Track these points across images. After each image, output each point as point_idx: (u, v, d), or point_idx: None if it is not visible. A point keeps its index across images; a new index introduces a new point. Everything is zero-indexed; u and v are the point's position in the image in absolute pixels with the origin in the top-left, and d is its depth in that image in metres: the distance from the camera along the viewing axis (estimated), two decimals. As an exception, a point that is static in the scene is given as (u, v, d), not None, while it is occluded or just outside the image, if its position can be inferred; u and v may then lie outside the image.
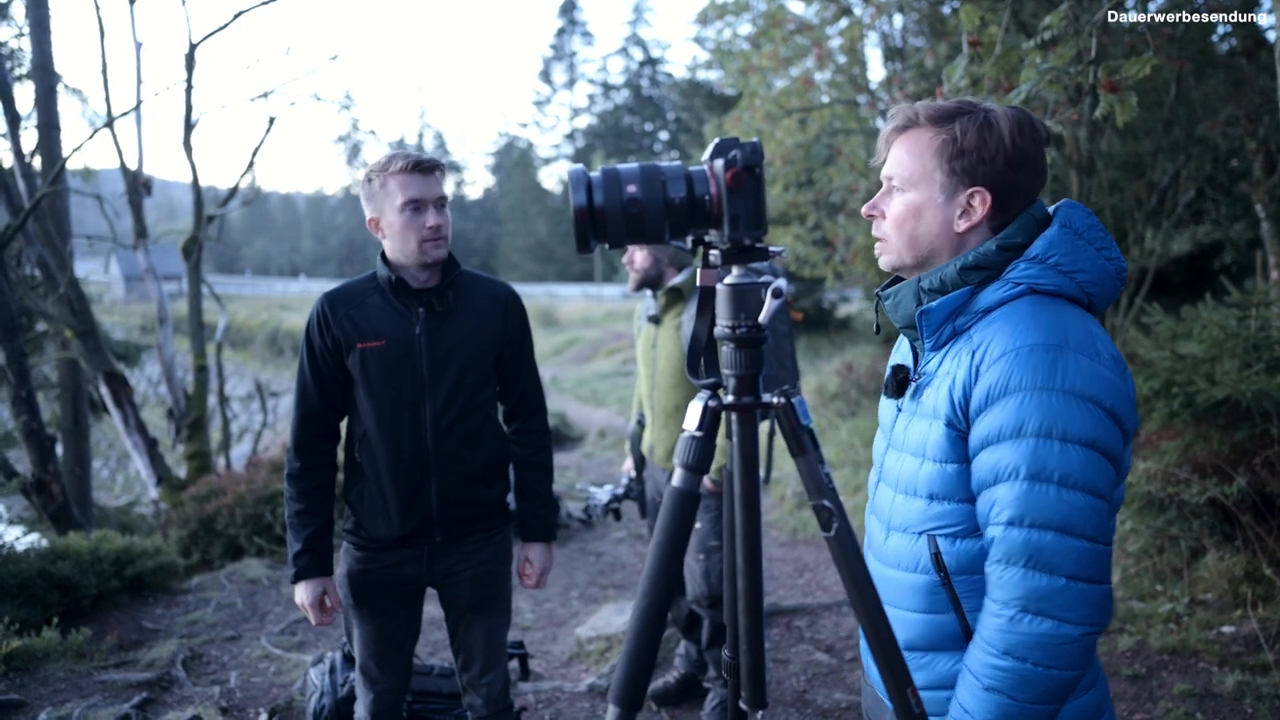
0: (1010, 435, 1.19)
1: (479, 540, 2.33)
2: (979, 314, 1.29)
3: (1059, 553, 1.17)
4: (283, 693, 3.59)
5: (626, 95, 51.70)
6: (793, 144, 8.76)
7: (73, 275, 6.93)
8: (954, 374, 1.27)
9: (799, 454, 1.10)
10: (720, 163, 1.03)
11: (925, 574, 1.31)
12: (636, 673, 1.03)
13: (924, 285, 1.34)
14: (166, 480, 7.27)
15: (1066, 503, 1.17)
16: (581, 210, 1.00)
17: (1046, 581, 1.17)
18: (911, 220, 1.33)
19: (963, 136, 1.28)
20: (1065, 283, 1.26)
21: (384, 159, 2.20)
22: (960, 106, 1.32)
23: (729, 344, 1.08)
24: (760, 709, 1.12)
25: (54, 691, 3.53)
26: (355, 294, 2.25)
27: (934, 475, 1.29)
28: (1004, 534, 1.19)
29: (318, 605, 2.25)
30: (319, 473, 2.27)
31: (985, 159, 1.28)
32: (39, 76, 7.34)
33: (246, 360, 26.06)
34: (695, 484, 1.07)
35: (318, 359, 2.22)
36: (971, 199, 1.30)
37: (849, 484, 6.78)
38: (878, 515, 1.43)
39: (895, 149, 1.36)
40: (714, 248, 1.10)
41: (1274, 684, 3.21)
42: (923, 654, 1.34)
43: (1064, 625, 1.17)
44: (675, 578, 1.06)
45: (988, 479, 1.22)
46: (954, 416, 1.26)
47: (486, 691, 2.38)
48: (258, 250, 70.58)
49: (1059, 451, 1.17)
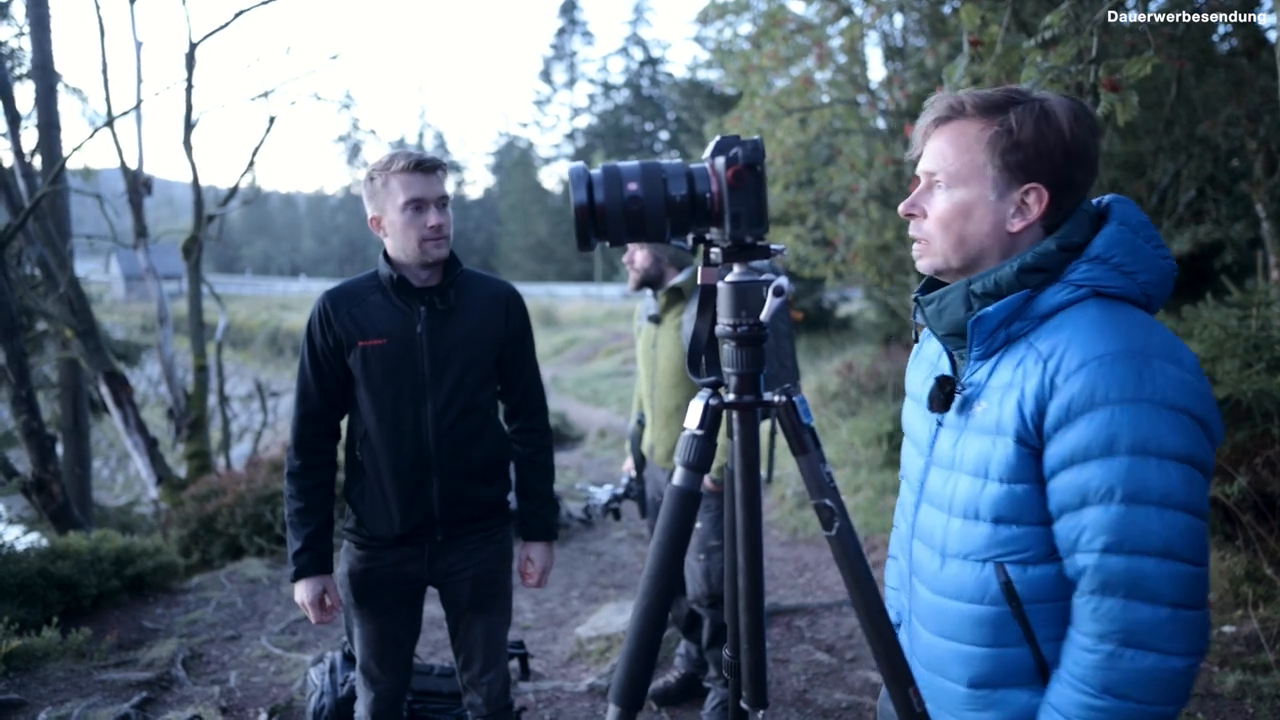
0: (1100, 453, 1.09)
1: (480, 539, 2.33)
2: (1037, 319, 1.19)
3: (1163, 579, 1.08)
4: (283, 692, 3.58)
5: (627, 95, 51.70)
6: (793, 143, 8.75)
7: (73, 275, 6.93)
8: (1020, 385, 1.16)
9: (800, 453, 1.09)
10: (721, 160, 1.02)
11: (994, 605, 1.20)
12: (637, 672, 1.03)
13: (975, 289, 1.22)
14: (166, 480, 7.27)
15: (1169, 525, 1.07)
16: (582, 208, 0.99)
17: (1149, 612, 1.08)
18: (960, 220, 1.22)
19: (1019, 128, 1.18)
20: (1128, 284, 1.18)
21: (386, 158, 2.20)
22: (1011, 95, 1.21)
23: (730, 342, 1.07)
24: (761, 708, 1.12)
25: (54, 691, 3.53)
26: (357, 292, 2.25)
27: (1000, 497, 1.18)
28: (1100, 561, 1.10)
29: (318, 604, 2.25)
30: (319, 471, 2.27)
31: (1043, 153, 1.18)
32: (39, 76, 7.34)
33: (247, 360, 26.06)
34: (696, 483, 1.07)
35: (319, 357, 2.22)
36: (1026, 196, 1.20)
37: (849, 484, 6.78)
38: (925, 541, 1.32)
39: (937, 141, 1.25)
40: (715, 246, 1.09)
41: (1275, 684, 3.21)
42: (992, 690, 1.23)
43: (1170, 658, 1.08)
44: (676, 577, 1.06)
45: (1072, 501, 1.12)
46: (1026, 432, 1.15)
47: (487, 690, 2.38)
48: (258, 250, 70.61)
49: (1157, 469, 1.07)
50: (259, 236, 72.40)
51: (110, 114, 7.70)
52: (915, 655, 1.34)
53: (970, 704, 1.25)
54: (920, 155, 1.29)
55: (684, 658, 3.52)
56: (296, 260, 69.25)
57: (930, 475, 1.31)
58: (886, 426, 7.09)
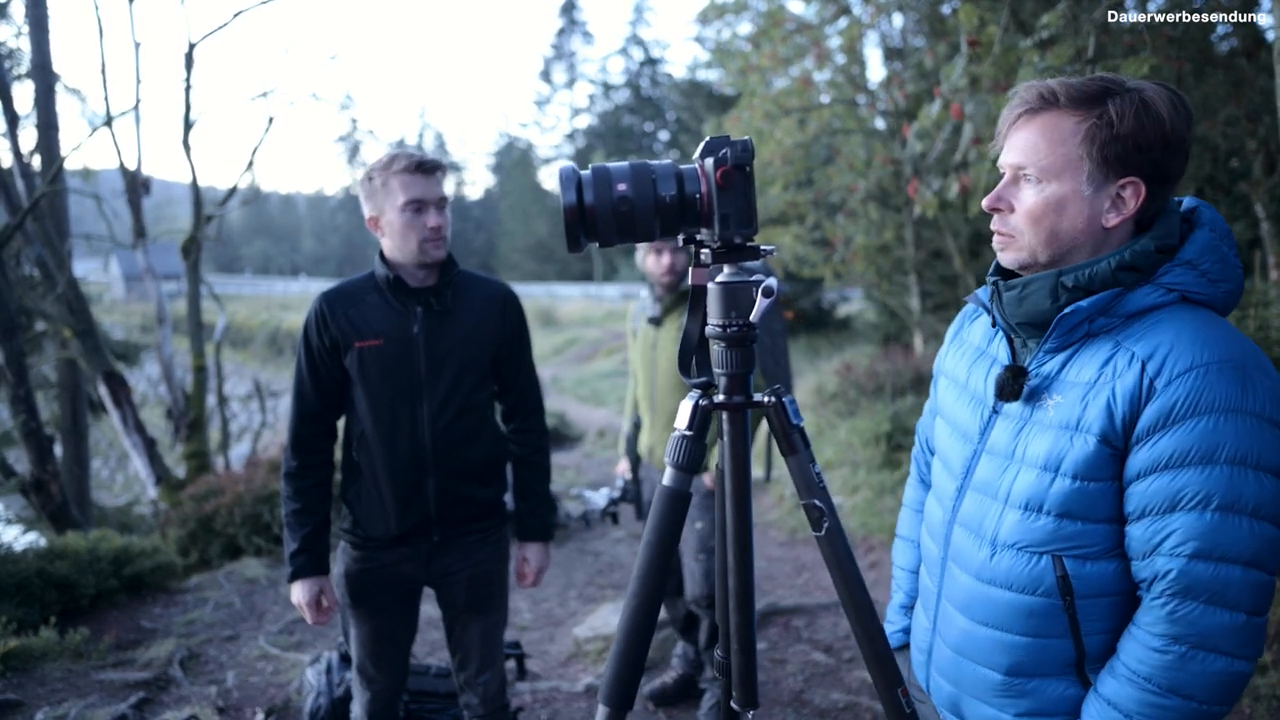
0: (1199, 460, 1.09)
1: (476, 540, 2.33)
2: (1123, 317, 1.18)
3: (1245, 588, 1.09)
4: (280, 692, 3.58)
5: (627, 95, 51.69)
6: (792, 144, 8.76)
7: (71, 275, 6.93)
8: (1110, 385, 1.15)
9: (790, 453, 1.09)
10: (710, 161, 1.02)
11: (1045, 596, 1.21)
12: (626, 673, 1.03)
13: (1067, 282, 1.20)
14: (165, 480, 7.27)
15: (1259, 536, 1.09)
16: (571, 209, 0.99)
17: (1228, 619, 1.10)
18: (1052, 215, 1.19)
19: (1119, 121, 1.15)
20: (1214, 292, 1.18)
21: (386, 158, 2.20)
22: (1107, 85, 1.18)
23: (720, 343, 1.07)
24: (751, 709, 1.12)
25: (51, 691, 3.53)
26: (353, 293, 2.25)
27: (1070, 493, 1.17)
28: (1186, 566, 1.10)
29: (314, 605, 2.24)
30: (316, 471, 2.26)
31: (1143, 145, 1.15)
32: (38, 76, 7.34)
33: (246, 360, 26.05)
34: (686, 483, 1.07)
35: (315, 358, 2.22)
36: (1123, 190, 1.18)
37: (847, 484, 6.78)
38: (970, 529, 1.31)
39: (1026, 133, 1.21)
40: (705, 246, 1.09)
41: (1271, 684, 3.21)
42: (1028, 679, 1.24)
43: (1238, 662, 1.11)
44: (665, 577, 1.06)
45: (1160, 505, 1.12)
46: (1112, 433, 1.14)
47: (483, 691, 2.38)
48: (258, 250, 70.60)
49: (1254, 480, 1.08)
50: (259, 236, 72.38)
51: (109, 114, 7.70)
52: (943, 638, 1.35)
53: (1004, 691, 1.26)
54: (1003, 148, 1.26)
55: (681, 658, 3.52)
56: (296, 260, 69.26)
57: (980, 463, 1.30)
58: (884, 427, 7.09)
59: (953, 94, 4.37)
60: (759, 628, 4.24)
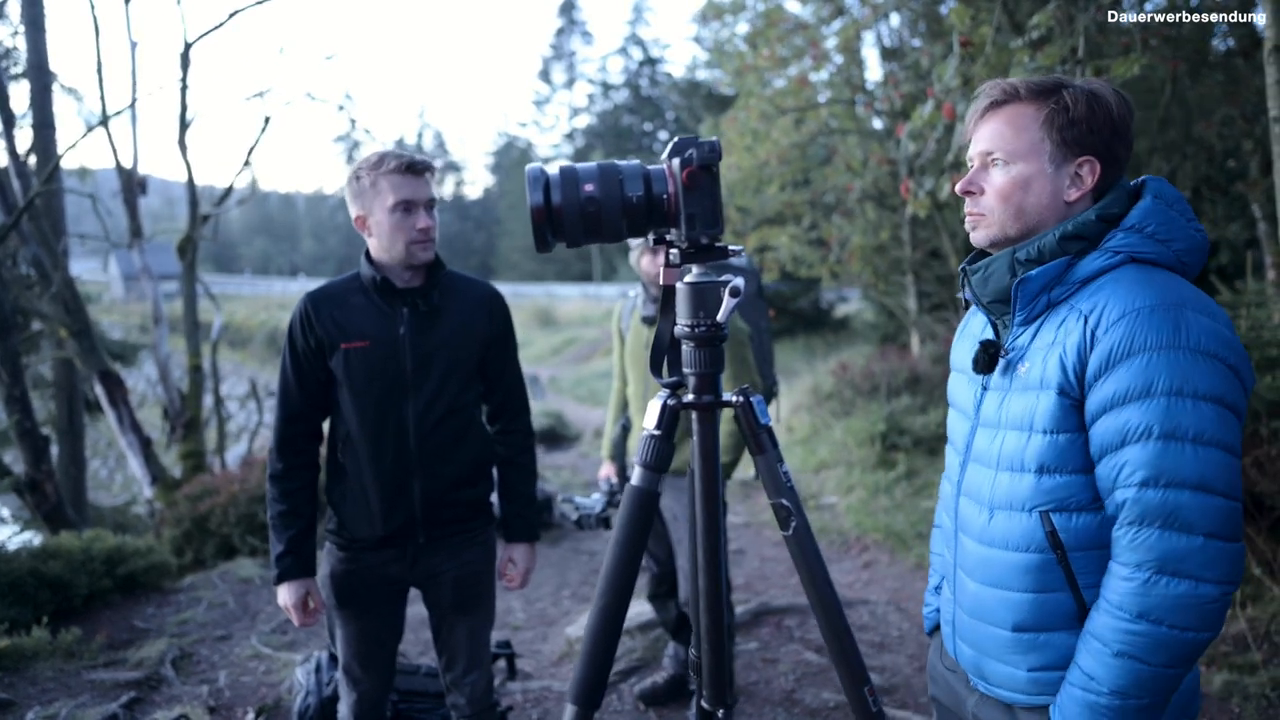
0: (1138, 395, 1.18)
1: (462, 540, 2.32)
2: (1077, 284, 1.29)
3: (1197, 511, 1.16)
4: (271, 692, 3.59)
5: (626, 95, 51.66)
6: (788, 144, 8.76)
7: (67, 274, 6.93)
8: (1063, 342, 1.26)
9: (758, 453, 1.09)
10: (677, 161, 1.03)
11: (1039, 553, 1.29)
12: (594, 673, 1.03)
13: (1020, 256, 1.32)
14: (161, 480, 7.27)
15: (1203, 459, 1.16)
16: (539, 209, 1.00)
17: (1184, 541, 1.16)
18: (1019, 192, 1.32)
19: (1074, 106, 1.29)
20: (1163, 251, 1.27)
21: (375, 157, 2.18)
22: (1059, 81, 1.32)
23: (689, 342, 1.07)
24: (721, 708, 1.12)
25: (43, 691, 3.53)
26: (339, 294, 2.24)
27: (1044, 447, 1.27)
28: (1138, 495, 1.18)
29: (300, 607, 2.24)
30: (302, 473, 2.26)
31: (1095, 128, 1.29)
32: (34, 75, 7.35)
33: (245, 360, 26.05)
34: (655, 482, 1.07)
35: (300, 359, 2.21)
36: (1080, 168, 1.31)
37: (842, 483, 6.79)
38: (972, 497, 1.41)
39: (991, 124, 1.35)
40: (674, 246, 1.09)
41: (1260, 683, 3.21)
42: (1036, 634, 1.31)
43: (1203, 585, 1.16)
44: (634, 577, 1.06)
45: (1113, 441, 1.21)
46: (1067, 384, 1.25)
47: (470, 691, 2.38)
48: (257, 250, 70.58)
49: (1192, 408, 1.16)
50: (258, 236, 72.38)
51: (105, 114, 7.71)
52: (960, 605, 1.43)
53: (1015, 647, 1.32)
54: (971, 140, 1.38)
55: (672, 659, 3.52)
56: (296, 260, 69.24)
57: (977, 436, 1.40)
58: (880, 427, 7.09)
59: (945, 94, 4.37)
60: (752, 628, 4.24)
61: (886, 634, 4.22)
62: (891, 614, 4.48)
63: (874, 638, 4.18)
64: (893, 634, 4.22)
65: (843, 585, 5.04)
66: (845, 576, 5.21)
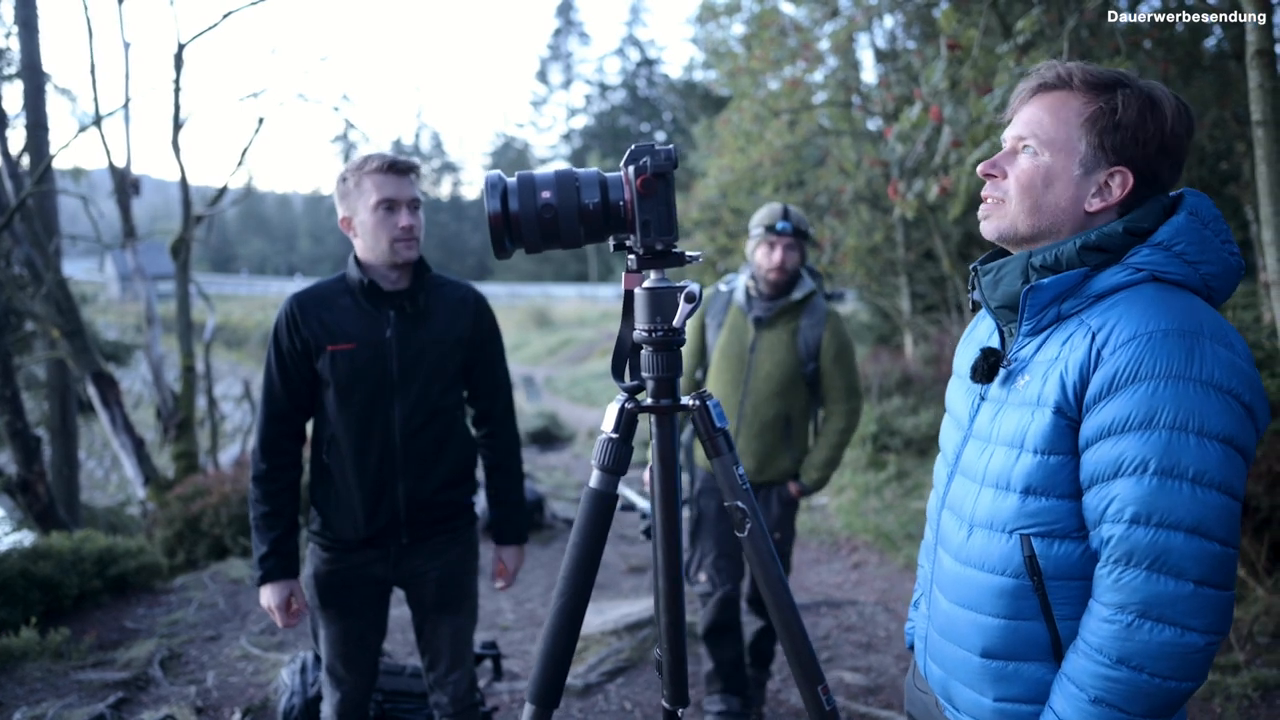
0: (1139, 425, 1.10)
1: (445, 541, 2.34)
2: (1091, 298, 1.20)
3: (1188, 555, 1.08)
4: (259, 692, 3.60)
5: (623, 96, 51.70)
6: (782, 145, 8.78)
7: (60, 275, 6.94)
8: (1066, 359, 1.18)
9: (714, 455, 1.11)
10: (633, 169, 1.04)
11: (1015, 577, 1.21)
12: (553, 672, 1.04)
13: (1035, 261, 1.23)
14: (154, 480, 7.27)
15: (1201, 502, 1.08)
16: (496, 216, 1.01)
17: (1172, 586, 1.08)
18: (1040, 186, 1.23)
19: (1123, 110, 1.18)
20: (1189, 273, 1.18)
21: (359, 158, 2.22)
22: (1119, 77, 1.22)
23: (647, 347, 1.09)
24: (681, 706, 1.13)
25: (30, 691, 3.54)
26: (326, 295, 2.25)
27: (1033, 467, 1.19)
28: (1126, 532, 1.10)
29: (283, 608, 2.24)
30: (285, 474, 2.26)
31: (1140, 139, 1.19)
32: (27, 76, 7.35)
33: (242, 360, 26.02)
34: (612, 485, 1.09)
35: (285, 360, 2.22)
36: (1111, 179, 1.21)
37: (833, 485, 6.80)
38: (954, 511, 1.33)
39: (1033, 107, 1.25)
40: (632, 252, 1.11)
41: (1243, 684, 3.23)
42: (1005, 663, 1.24)
43: (1189, 634, 1.09)
44: (593, 578, 1.07)
45: (1105, 471, 1.13)
46: (1066, 403, 1.17)
47: (453, 690, 2.39)
48: (254, 250, 70.49)
49: (1195, 446, 1.08)
50: (255, 236, 72.29)
51: (98, 114, 7.72)
52: (933, 623, 1.37)
53: (983, 674, 1.26)
54: (1010, 120, 1.29)
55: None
56: (293, 260, 69.16)
57: (967, 448, 1.33)
58: (871, 428, 7.11)
59: (932, 96, 4.39)
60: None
61: (874, 634, 4.24)
62: (879, 615, 4.50)
63: (861, 638, 4.19)
64: (880, 635, 4.24)
65: (831, 586, 5.06)
66: (834, 577, 5.23)
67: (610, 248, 1.12)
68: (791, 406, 3.04)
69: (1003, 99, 3.80)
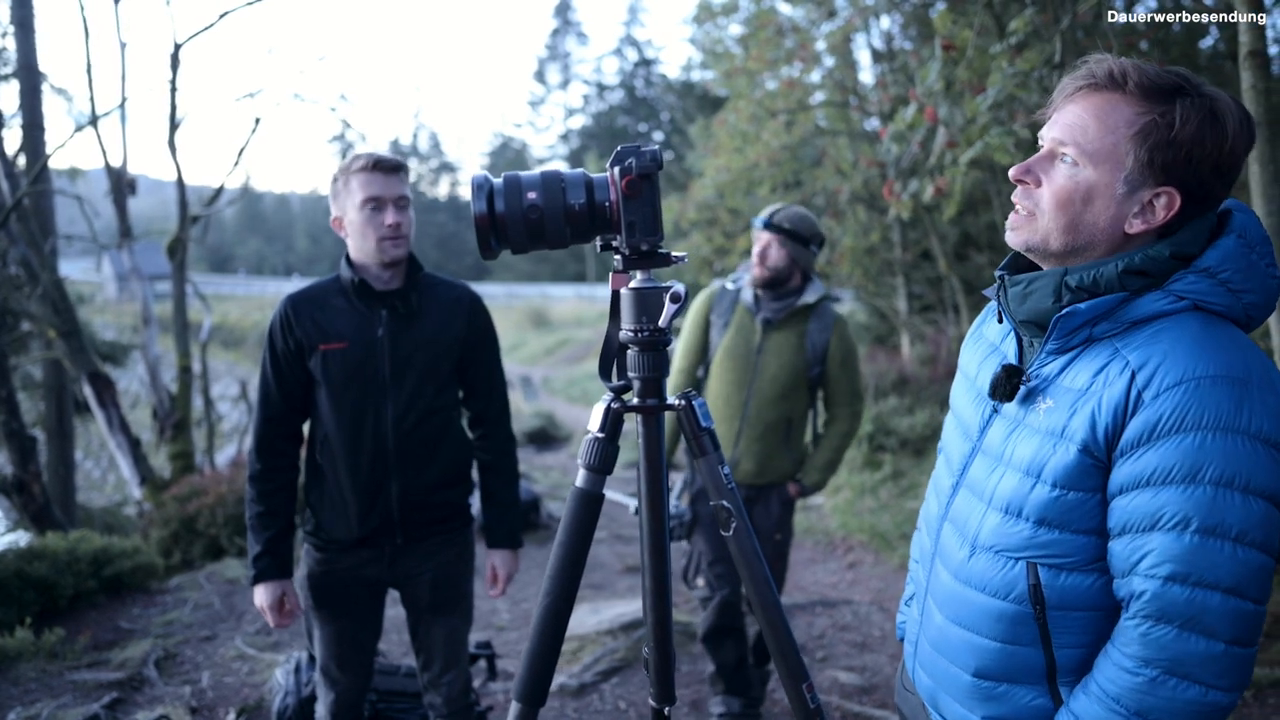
0: (1182, 479, 1.03)
1: (440, 542, 2.34)
2: (1128, 323, 1.12)
3: (1223, 616, 1.04)
4: (254, 693, 3.60)
5: (621, 96, 51.69)
6: (778, 145, 8.79)
7: (55, 274, 6.94)
8: (1099, 395, 1.10)
9: (700, 455, 1.11)
10: (618, 170, 1.05)
11: (1016, 603, 1.17)
12: (539, 670, 1.05)
13: (1071, 281, 1.13)
14: (150, 480, 7.28)
15: (1241, 562, 1.03)
16: (482, 217, 1.02)
17: (1204, 646, 1.04)
18: (1079, 203, 1.12)
19: (1181, 124, 1.06)
20: (1233, 303, 1.10)
21: (349, 159, 2.23)
22: (1180, 83, 1.09)
23: (634, 347, 1.09)
24: (668, 704, 1.14)
25: (25, 691, 3.54)
26: (319, 296, 2.26)
27: (1048, 501, 1.13)
28: (1161, 589, 1.05)
29: (276, 608, 2.25)
30: (280, 474, 2.27)
31: (1195, 159, 1.07)
32: (23, 76, 7.35)
33: (239, 360, 26.00)
34: (598, 484, 1.09)
35: (280, 360, 2.23)
36: (1157, 199, 1.10)
37: (829, 485, 6.79)
38: (957, 527, 1.28)
39: (1078, 109, 1.13)
40: (618, 253, 1.11)
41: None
42: (996, 684, 1.22)
43: (1214, 692, 1.05)
44: (579, 577, 1.08)
45: (1141, 523, 1.07)
46: (1094, 444, 1.09)
47: (446, 691, 2.39)
48: (252, 250, 70.44)
49: (1240, 504, 1.02)
50: (253, 236, 72.23)
51: (94, 114, 7.71)
52: (925, 633, 1.34)
53: (973, 693, 1.24)
54: (1050, 118, 1.17)
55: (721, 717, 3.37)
56: (290, 260, 69.10)
57: (975, 462, 1.27)
58: (867, 428, 7.12)
59: (927, 97, 4.40)
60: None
61: (869, 634, 4.25)
62: (874, 614, 4.51)
63: (856, 637, 4.20)
64: (875, 634, 4.24)
65: (827, 585, 5.07)
66: (830, 577, 5.24)
67: (597, 248, 1.13)
68: (794, 409, 3.03)
69: (995, 98, 3.80)
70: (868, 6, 8.23)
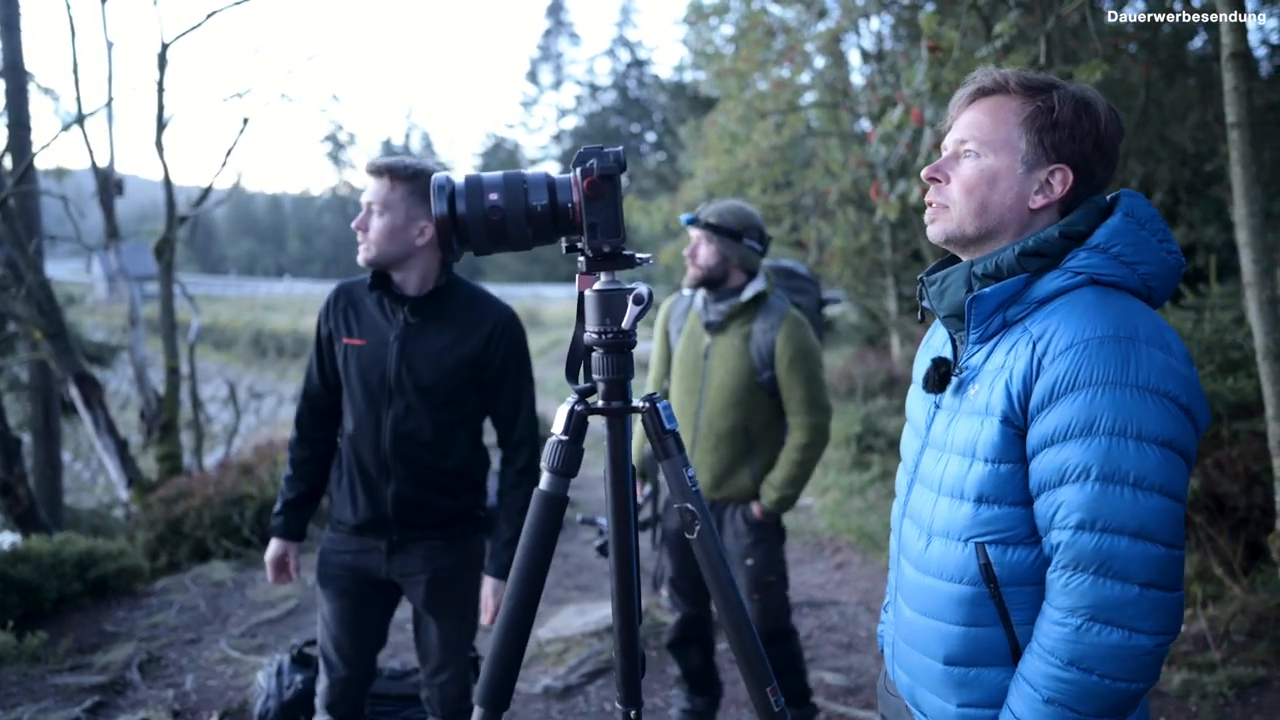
0: (1079, 433, 1.13)
1: (439, 545, 2.34)
2: (1034, 304, 1.23)
3: (1133, 559, 1.11)
4: (237, 695, 3.58)
5: (614, 97, 51.68)
6: (768, 146, 8.79)
7: (41, 275, 6.89)
8: (1011, 367, 1.20)
9: (664, 457, 1.11)
10: (579, 171, 1.04)
11: (972, 585, 1.24)
12: (501, 675, 1.04)
13: (977, 271, 1.26)
14: (137, 482, 7.24)
15: (1142, 506, 1.11)
16: (443, 218, 1.01)
17: (1119, 590, 1.11)
18: (985, 187, 1.25)
19: (1059, 108, 1.23)
20: (1128, 274, 1.21)
21: None
22: (1052, 81, 1.27)
23: (598, 349, 1.09)
24: (634, 708, 1.14)
25: (6, 695, 3.51)
26: (358, 290, 2.35)
27: (984, 476, 1.22)
28: (1072, 538, 1.13)
29: (275, 563, 2.42)
30: (311, 446, 2.40)
31: (1077, 137, 1.23)
32: (9, 75, 7.29)
33: (230, 361, 25.92)
34: (562, 488, 1.09)
35: (320, 344, 2.37)
36: (1052, 175, 1.25)
37: (818, 485, 6.81)
38: (914, 520, 1.35)
39: (973, 112, 1.29)
40: (582, 254, 1.11)
41: (1219, 682, 3.25)
42: (966, 669, 1.26)
43: (1136, 635, 1.11)
44: (543, 580, 1.07)
45: (1051, 479, 1.16)
46: (1011, 413, 1.19)
47: (439, 692, 2.41)
48: (243, 251, 70.23)
49: (1134, 451, 1.11)
50: (245, 237, 72.02)
51: (80, 114, 7.67)
52: (899, 631, 1.38)
53: (946, 681, 1.28)
54: (951, 126, 1.32)
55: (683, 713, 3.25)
56: (282, 261, 68.92)
57: (924, 456, 1.35)
58: (855, 428, 7.13)
59: (914, 98, 4.40)
60: (719, 629, 4.25)
61: (855, 634, 4.25)
62: (861, 615, 4.51)
63: (842, 638, 4.20)
64: (861, 635, 4.25)
65: (814, 586, 5.06)
66: (817, 577, 5.24)
67: (563, 249, 1.12)
68: (750, 418, 2.82)
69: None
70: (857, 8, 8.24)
